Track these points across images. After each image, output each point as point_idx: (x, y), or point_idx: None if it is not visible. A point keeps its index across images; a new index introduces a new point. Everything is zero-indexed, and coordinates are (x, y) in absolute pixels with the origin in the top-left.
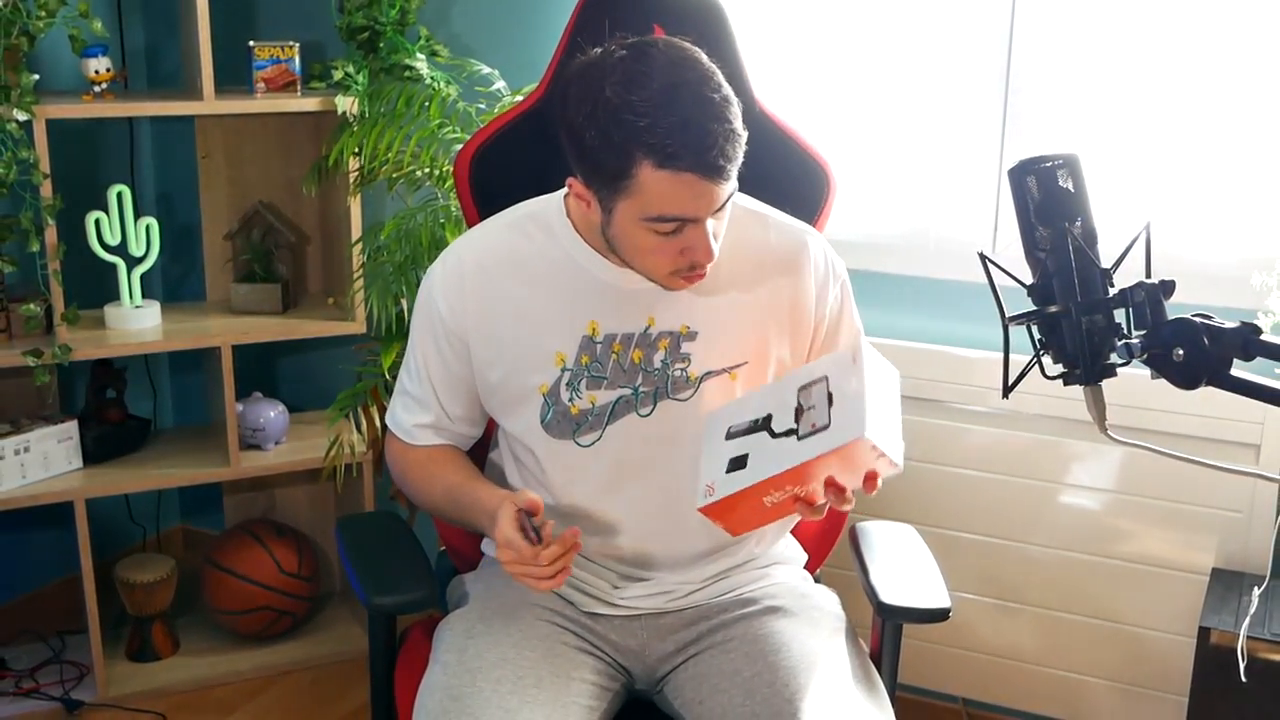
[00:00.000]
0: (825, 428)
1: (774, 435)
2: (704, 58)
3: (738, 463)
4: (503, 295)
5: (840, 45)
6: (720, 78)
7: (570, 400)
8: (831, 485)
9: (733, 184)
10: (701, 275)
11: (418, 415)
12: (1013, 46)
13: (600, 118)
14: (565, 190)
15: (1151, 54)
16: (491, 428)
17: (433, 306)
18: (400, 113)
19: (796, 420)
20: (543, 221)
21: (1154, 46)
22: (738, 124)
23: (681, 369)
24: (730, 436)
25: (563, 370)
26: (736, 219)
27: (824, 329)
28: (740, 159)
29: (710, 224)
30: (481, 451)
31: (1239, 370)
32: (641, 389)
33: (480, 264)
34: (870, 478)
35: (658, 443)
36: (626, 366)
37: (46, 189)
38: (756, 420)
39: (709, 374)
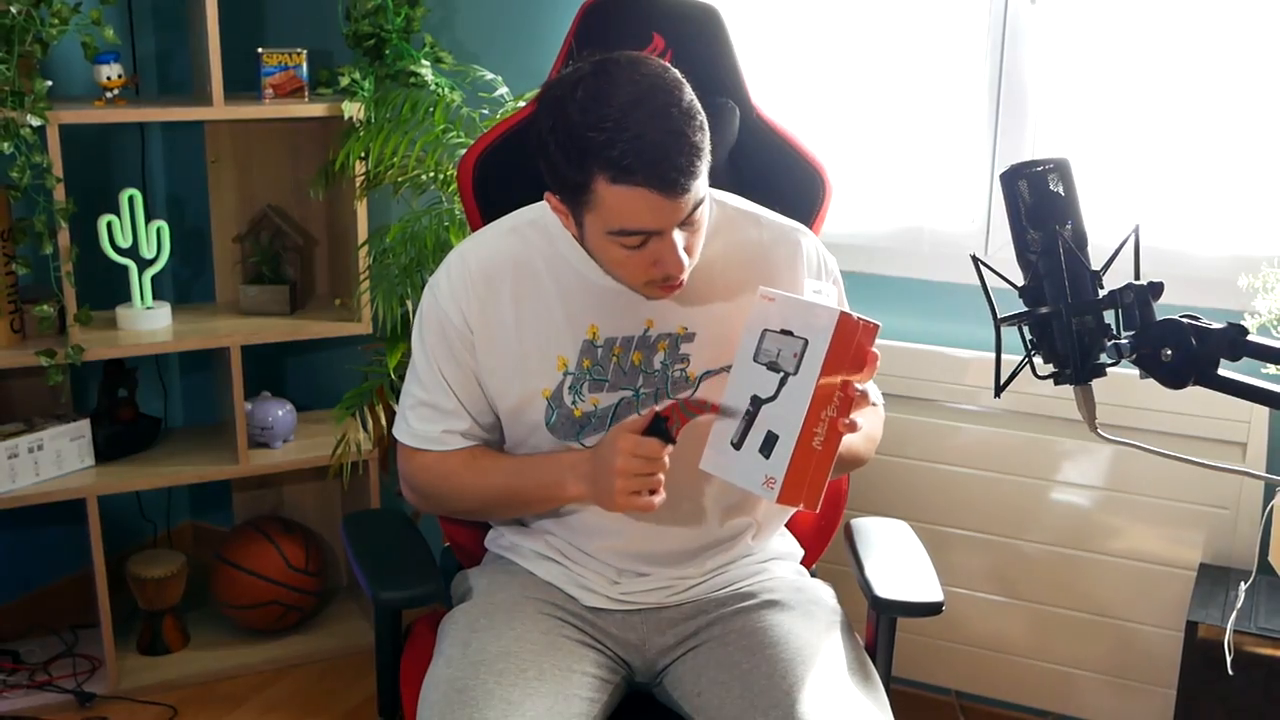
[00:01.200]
0: (805, 343)
1: (774, 398)
2: (671, 73)
3: (768, 443)
4: (505, 300)
5: (835, 51)
6: (685, 92)
7: (573, 403)
8: (848, 390)
9: (695, 196)
10: (677, 285)
11: (443, 423)
12: (1004, 52)
13: (560, 133)
14: None
15: (1141, 60)
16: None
17: (441, 313)
18: (405, 118)
19: (778, 371)
20: (543, 227)
21: (1144, 53)
22: (698, 137)
23: (681, 369)
24: (739, 444)
25: (565, 374)
26: (730, 220)
27: None
28: (702, 173)
29: (679, 237)
30: None
31: (1226, 370)
32: (643, 390)
33: (483, 269)
34: (871, 361)
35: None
36: (627, 369)
37: (59, 193)
38: (749, 410)
39: (707, 373)
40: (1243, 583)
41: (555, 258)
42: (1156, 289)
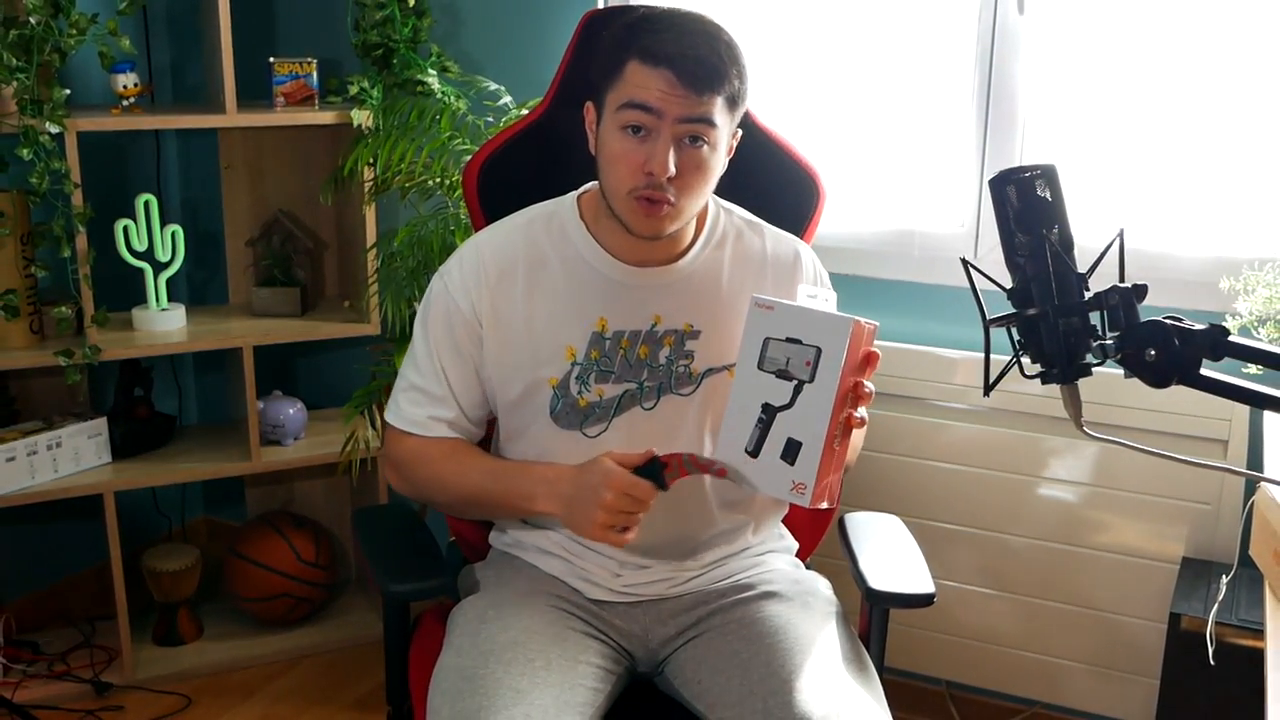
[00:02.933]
0: (818, 350)
1: (790, 405)
2: (726, 32)
3: (790, 450)
4: (518, 291)
5: (828, 60)
6: (733, 43)
7: (579, 393)
8: (859, 390)
9: (706, 106)
10: (661, 207)
11: (431, 409)
12: (993, 61)
13: (616, 28)
14: (579, 191)
15: (1127, 69)
16: (488, 434)
17: (450, 300)
18: (412, 125)
19: (789, 379)
20: (557, 221)
21: (1130, 62)
22: (727, 60)
23: (685, 365)
24: (756, 452)
25: (573, 364)
26: (738, 228)
27: None
28: (719, 91)
29: (672, 149)
30: None
31: (1208, 370)
32: (646, 383)
33: (497, 260)
34: (873, 361)
35: (660, 435)
36: (633, 362)
37: (77, 198)
38: (762, 418)
39: (710, 371)
40: (1224, 576)
41: (568, 251)
42: (1141, 291)
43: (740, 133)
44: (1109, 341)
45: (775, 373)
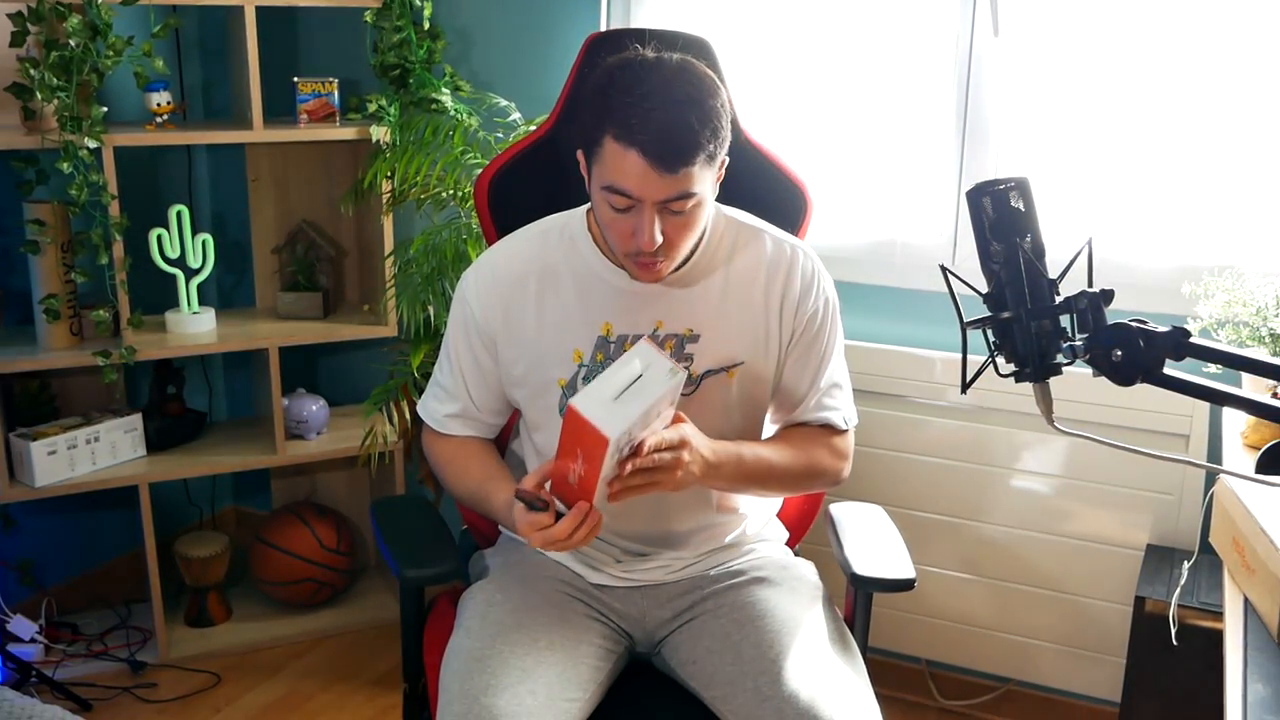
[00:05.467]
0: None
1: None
2: (709, 80)
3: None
4: (530, 298)
5: (815, 81)
6: (714, 99)
7: None
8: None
9: (683, 184)
10: (654, 266)
11: (447, 405)
12: (970, 81)
13: (596, 93)
14: (588, 205)
15: (1095, 89)
16: (513, 420)
17: (466, 308)
18: (427, 141)
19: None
20: (567, 233)
21: (1097, 83)
22: (704, 136)
23: (684, 368)
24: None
25: (580, 366)
26: (738, 233)
27: (798, 335)
28: (697, 166)
29: (659, 219)
30: (503, 444)
31: (1171, 369)
32: None
33: (511, 270)
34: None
35: None
36: None
37: (114, 209)
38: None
39: (709, 372)
40: (1186, 562)
41: (577, 261)
42: (1108, 296)
43: (727, 160)
44: (1078, 343)
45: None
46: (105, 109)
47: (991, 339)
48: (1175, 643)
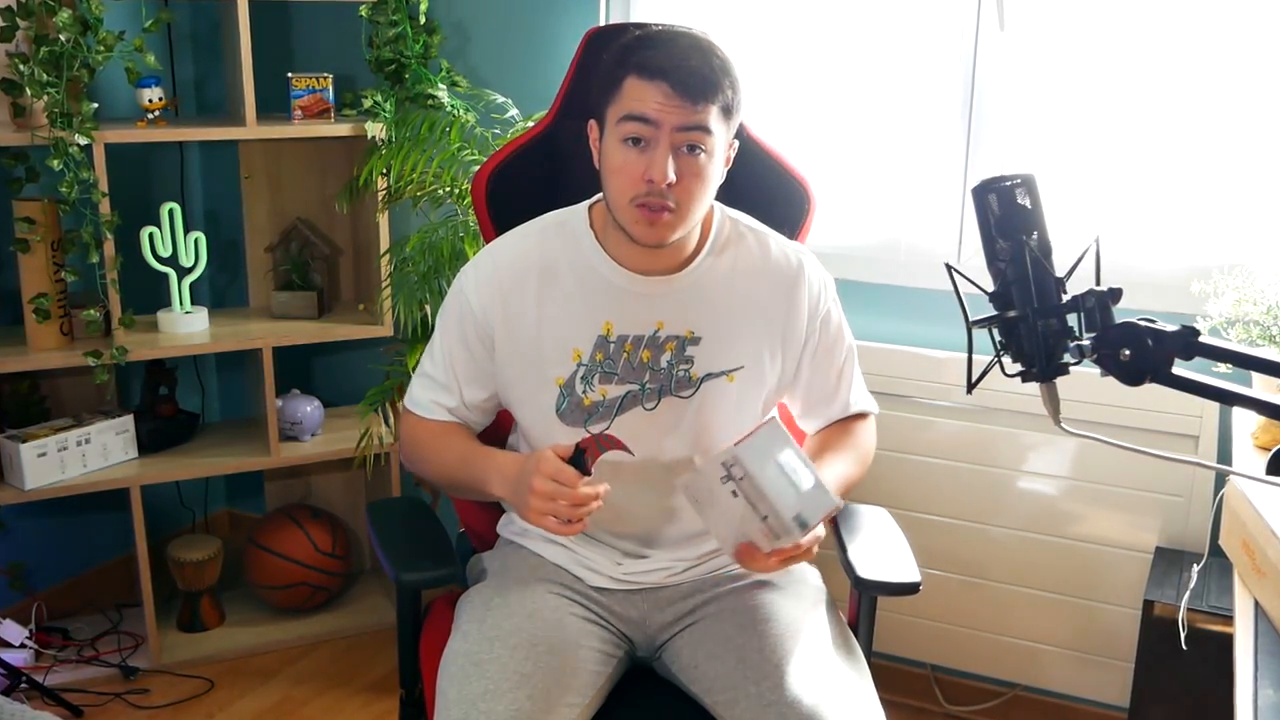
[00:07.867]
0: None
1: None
2: (720, 48)
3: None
4: (530, 294)
5: (819, 78)
6: (725, 57)
7: (584, 392)
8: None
9: (702, 116)
10: (661, 218)
11: (436, 395)
12: (975, 77)
13: (612, 49)
14: (590, 201)
15: (1103, 85)
16: (509, 420)
17: (465, 301)
18: (424, 137)
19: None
20: (569, 230)
21: (1105, 78)
22: (720, 72)
23: (685, 370)
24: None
25: (579, 365)
26: (741, 236)
27: (813, 344)
28: (715, 102)
29: (671, 157)
30: (500, 440)
31: (1180, 369)
32: (648, 385)
33: (512, 266)
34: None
35: (660, 434)
36: (636, 365)
37: (105, 206)
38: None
39: (709, 375)
40: (1195, 565)
41: (578, 258)
42: (1115, 294)
43: (737, 144)
44: (1086, 342)
45: (729, 480)
46: (96, 105)
47: (998, 338)
48: (1185, 647)
